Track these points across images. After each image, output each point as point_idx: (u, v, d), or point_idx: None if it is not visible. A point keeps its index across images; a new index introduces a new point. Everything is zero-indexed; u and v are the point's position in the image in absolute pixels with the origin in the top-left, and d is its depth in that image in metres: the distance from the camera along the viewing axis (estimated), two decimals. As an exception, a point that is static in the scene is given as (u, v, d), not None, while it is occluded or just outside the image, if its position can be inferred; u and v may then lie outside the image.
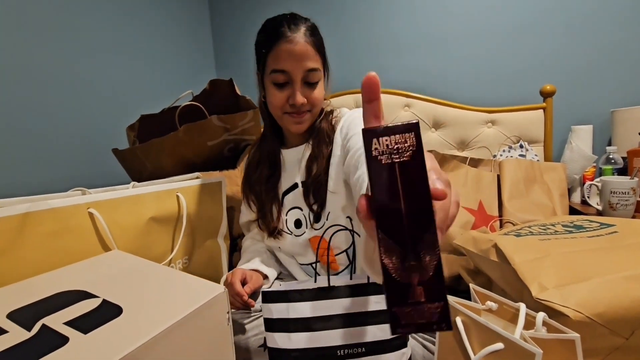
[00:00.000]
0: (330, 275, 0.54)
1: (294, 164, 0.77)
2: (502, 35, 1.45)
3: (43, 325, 0.37)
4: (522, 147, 1.30)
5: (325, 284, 0.53)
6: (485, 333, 0.40)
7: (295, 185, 0.76)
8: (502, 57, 1.46)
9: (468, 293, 0.52)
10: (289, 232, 0.77)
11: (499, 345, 0.38)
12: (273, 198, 0.78)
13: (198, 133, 1.00)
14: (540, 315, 0.40)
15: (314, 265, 0.68)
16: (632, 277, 0.44)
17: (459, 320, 0.43)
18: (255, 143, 0.86)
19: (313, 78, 0.67)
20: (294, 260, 0.79)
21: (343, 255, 0.73)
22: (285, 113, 0.70)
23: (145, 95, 1.57)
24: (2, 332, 0.36)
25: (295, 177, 0.76)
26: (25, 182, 1.14)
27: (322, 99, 0.72)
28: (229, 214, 0.94)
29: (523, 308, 0.42)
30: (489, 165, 1.14)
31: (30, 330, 0.36)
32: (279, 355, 0.52)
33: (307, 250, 0.75)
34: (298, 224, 0.76)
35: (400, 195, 0.21)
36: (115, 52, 1.45)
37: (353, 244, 0.72)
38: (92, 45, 1.36)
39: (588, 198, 1.11)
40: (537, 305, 0.44)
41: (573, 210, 1.13)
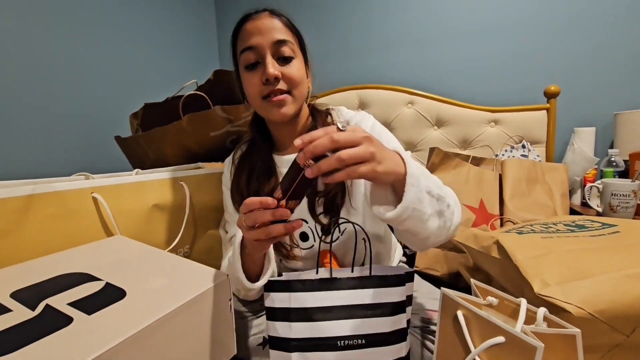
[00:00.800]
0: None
1: None
2: (507, 35, 1.44)
3: (47, 305, 0.37)
4: (524, 147, 1.30)
5: (327, 276, 0.54)
6: (486, 326, 0.40)
7: None
8: (506, 56, 1.46)
9: (467, 290, 0.52)
10: (296, 245, 0.71)
11: (500, 339, 0.38)
12: None
13: (201, 123, 0.99)
14: (542, 310, 0.40)
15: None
16: (634, 275, 0.44)
17: (460, 314, 0.43)
18: (240, 147, 0.80)
19: (284, 51, 0.63)
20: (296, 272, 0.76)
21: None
22: (264, 99, 0.64)
23: (150, 84, 1.57)
24: (6, 310, 0.36)
25: None
26: (27, 164, 1.14)
27: (301, 80, 0.65)
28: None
29: (524, 303, 0.42)
30: (491, 164, 1.14)
31: (34, 310, 0.36)
32: (280, 344, 0.52)
33: (313, 265, 0.72)
34: (304, 237, 0.71)
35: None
36: (121, 40, 1.45)
37: (355, 246, 0.70)
38: (98, 33, 1.36)
39: (588, 200, 1.11)
40: (538, 302, 0.45)
41: (573, 212, 1.14)
